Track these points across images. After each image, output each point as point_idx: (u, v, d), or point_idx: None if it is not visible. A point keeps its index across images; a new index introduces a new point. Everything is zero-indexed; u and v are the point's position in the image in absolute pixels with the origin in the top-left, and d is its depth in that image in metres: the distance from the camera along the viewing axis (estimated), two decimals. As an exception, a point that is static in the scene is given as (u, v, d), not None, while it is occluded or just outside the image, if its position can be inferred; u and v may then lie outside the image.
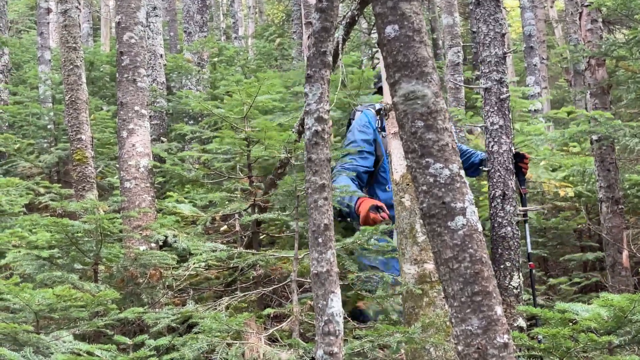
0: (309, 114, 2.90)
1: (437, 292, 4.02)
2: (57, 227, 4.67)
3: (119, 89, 5.84)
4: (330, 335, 2.74)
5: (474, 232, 2.26)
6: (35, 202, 7.21)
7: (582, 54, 6.83)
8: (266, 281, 5.02)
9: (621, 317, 2.90)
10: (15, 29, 18.33)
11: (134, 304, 4.74)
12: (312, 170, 2.84)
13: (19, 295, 3.75)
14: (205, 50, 11.52)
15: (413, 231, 4.12)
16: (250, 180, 5.55)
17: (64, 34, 7.21)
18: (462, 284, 2.23)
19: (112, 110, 9.50)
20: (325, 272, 2.78)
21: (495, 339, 2.20)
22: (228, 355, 3.71)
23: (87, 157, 6.83)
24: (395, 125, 4.20)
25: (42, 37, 11.82)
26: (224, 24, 21.00)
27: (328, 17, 2.89)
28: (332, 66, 3.06)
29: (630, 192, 6.88)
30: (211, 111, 5.74)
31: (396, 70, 2.34)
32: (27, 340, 3.70)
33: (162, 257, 4.93)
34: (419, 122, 2.30)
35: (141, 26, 5.95)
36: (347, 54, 9.98)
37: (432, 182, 2.29)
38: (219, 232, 6.51)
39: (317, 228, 2.79)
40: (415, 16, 2.35)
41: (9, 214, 5.81)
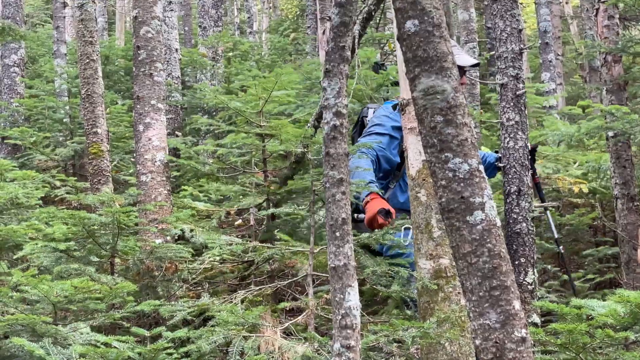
0: (327, 109, 2.90)
1: (453, 287, 4.02)
2: (74, 220, 4.69)
3: (135, 83, 5.85)
4: (348, 328, 2.75)
5: (493, 227, 2.27)
6: (51, 195, 7.25)
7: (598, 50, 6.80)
8: (281, 275, 5.03)
9: (638, 314, 2.90)
10: (31, 23, 18.40)
11: (150, 296, 4.77)
12: (330, 165, 2.85)
13: (37, 287, 3.77)
14: (220, 44, 11.54)
15: (429, 226, 4.12)
16: (265, 175, 5.56)
17: (80, 27, 7.24)
18: (480, 279, 2.24)
19: (127, 104, 9.52)
20: (343, 265, 2.79)
21: (513, 333, 2.20)
22: (244, 348, 3.73)
23: (103, 150, 6.87)
24: (411, 121, 4.19)
25: (58, 30, 11.87)
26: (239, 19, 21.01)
27: (347, 11, 2.90)
28: (350, 61, 3.07)
29: (646, 188, 6.85)
30: (227, 105, 5.75)
31: (416, 65, 2.34)
32: (46, 331, 3.72)
33: (177, 250, 4.94)
34: (439, 116, 2.31)
35: (158, 20, 5.97)
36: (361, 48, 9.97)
37: (451, 177, 2.29)
38: (233, 226, 6.52)
39: (335, 222, 2.80)
40: (435, 11, 2.35)
41: (25, 207, 5.83)
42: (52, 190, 7.28)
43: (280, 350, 3.66)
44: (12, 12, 10.65)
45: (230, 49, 12.38)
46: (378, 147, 4.98)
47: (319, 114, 5.41)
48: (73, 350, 3.56)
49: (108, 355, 3.60)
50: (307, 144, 5.24)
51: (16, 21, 10.44)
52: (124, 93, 11.15)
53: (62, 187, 7.40)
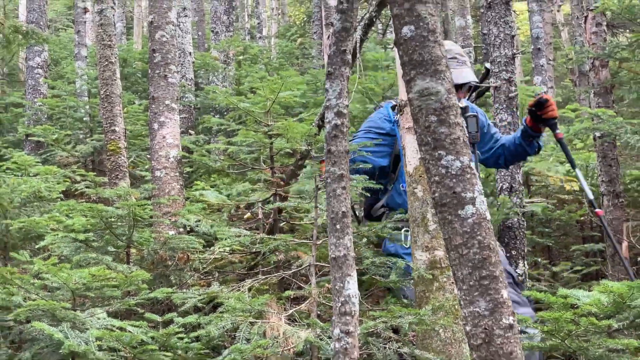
0: (329, 109, 2.91)
1: (447, 277, 4.03)
2: (92, 212, 4.71)
3: (151, 84, 5.87)
4: (347, 315, 2.76)
5: (483, 220, 2.27)
6: (71, 189, 7.26)
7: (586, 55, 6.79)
8: (286, 265, 5.03)
9: (620, 303, 2.90)
10: (54, 27, 18.42)
11: (163, 284, 4.78)
12: (331, 161, 2.86)
13: (57, 274, 3.79)
14: (231, 48, 11.54)
15: (425, 220, 4.13)
16: (273, 171, 5.57)
17: (99, 32, 7.25)
18: (470, 269, 2.24)
19: (143, 104, 9.54)
20: (343, 256, 2.80)
21: (501, 320, 2.20)
22: (250, 334, 3.73)
23: (121, 147, 6.88)
24: (409, 120, 4.20)
25: (79, 35, 11.90)
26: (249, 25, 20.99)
27: (348, 17, 2.90)
28: (351, 65, 3.07)
29: (631, 186, 6.85)
30: (237, 105, 5.75)
31: (412, 68, 2.35)
32: (65, 316, 3.74)
33: (189, 241, 4.96)
34: (433, 116, 2.31)
35: (172, 25, 5.98)
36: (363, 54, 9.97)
37: (444, 173, 2.29)
38: (242, 220, 6.54)
39: (336, 215, 2.81)
40: (430, 17, 2.36)
41: (47, 200, 5.85)
42: (73, 184, 7.30)
43: (285, 336, 3.67)
44: (36, 17, 10.68)
45: (241, 52, 12.39)
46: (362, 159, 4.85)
47: (322, 114, 5.42)
48: (90, 334, 3.57)
49: (123, 339, 3.62)
50: (311, 142, 5.25)
51: (40, 26, 10.47)
52: (141, 94, 11.17)
53: (81, 182, 7.42)
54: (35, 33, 6.67)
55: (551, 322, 2.96)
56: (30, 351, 3.73)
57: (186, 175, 7.18)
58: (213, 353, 4.06)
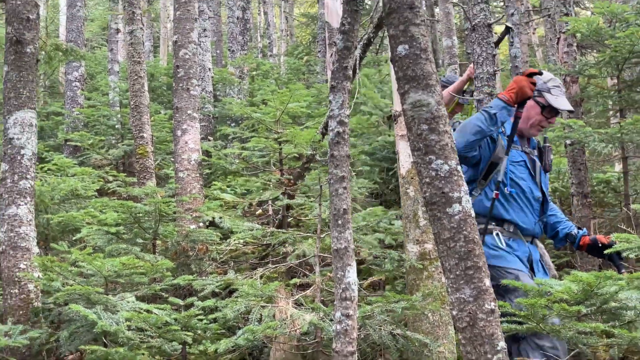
0: (332, 118, 2.90)
1: (435, 267, 4.02)
2: (123, 208, 4.72)
3: (175, 96, 5.87)
4: (347, 300, 2.75)
5: (468, 217, 2.26)
6: (104, 187, 7.27)
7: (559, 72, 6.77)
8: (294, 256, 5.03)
9: (588, 291, 2.89)
10: (90, 46, 18.43)
11: (185, 272, 4.78)
12: (334, 164, 2.85)
13: (92, 263, 3.79)
14: (246, 65, 11.55)
15: (416, 217, 4.12)
16: (282, 173, 5.57)
17: (130, 50, 7.26)
18: (457, 260, 2.23)
19: (168, 114, 9.53)
20: (344, 248, 2.79)
21: (484, 306, 2.19)
22: (262, 316, 3.73)
23: (148, 151, 6.89)
24: (402, 128, 4.19)
25: (112, 52, 11.91)
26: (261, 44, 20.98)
27: (349, 38, 2.90)
28: (352, 79, 3.06)
29: (597, 188, 6.83)
30: (250, 115, 5.76)
31: (406, 83, 2.34)
32: (98, 300, 3.74)
33: (208, 234, 4.96)
34: (424, 125, 2.30)
35: (194, 45, 5.98)
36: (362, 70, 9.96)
37: (434, 176, 2.28)
38: (255, 215, 6.53)
39: (338, 212, 2.80)
40: (422, 37, 2.35)
41: (83, 197, 5.86)
42: (106, 184, 7.30)
43: (292, 318, 3.67)
44: (74, 37, 10.69)
45: (254, 69, 12.38)
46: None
47: (326, 123, 5.41)
48: (120, 316, 3.57)
49: (149, 320, 3.62)
50: (316, 147, 5.25)
51: (78, 44, 10.48)
52: (166, 104, 11.17)
53: (113, 182, 7.42)
54: (73, 50, 6.67)
55: (527, 307, 2.95)
56: (67, 330, 3.72)
57: (205, 176, 7.18)
58: (228, 333, 4.05)
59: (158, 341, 3.74)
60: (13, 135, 4.21)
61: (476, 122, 3.45)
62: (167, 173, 7.89)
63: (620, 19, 6.02)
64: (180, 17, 6.00)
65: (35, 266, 4.06)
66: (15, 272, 4.03)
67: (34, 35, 4.32)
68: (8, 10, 4.30)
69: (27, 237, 4.12)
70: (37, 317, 4.02)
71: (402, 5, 2.35)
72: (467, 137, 3.47)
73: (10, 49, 4.27)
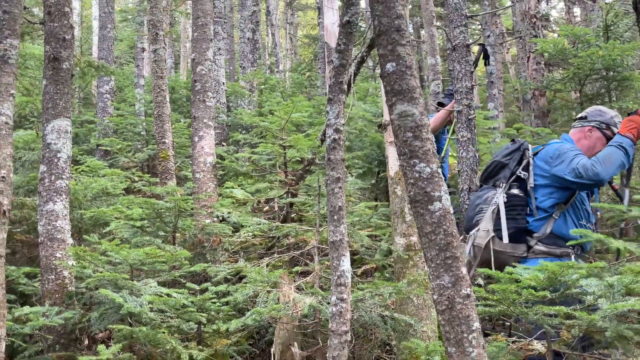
0: (329, 126, 2.90)
1: (419, 257, 4.02)
2: (147, 205, 4.72)
3: (192, 107, 5.87)
4: (342, 285, 2.75)
5: (447, 213, 2.26)
6: (131, 187, 7.27)
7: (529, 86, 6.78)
8: (295, 247, 5.03)
9: (553, 278, 2.89)
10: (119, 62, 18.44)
11: (201, 261, 4.78)
12: (330, 167, 2.85)
13: (119, 253, 3.79)
14: (255, 80, 11.54)
15: (402, 213, 4.12)
16: (286, 174, 5.57)
17: (154, 66, 7.26)
18: (437, 251, 2.23)
19: (187, 122, 9.53)
20: (339, 240, 2.79)
21: (460, 291, 2.20)
22: (267, 300, 3.73)
23: (169, 155, 6.88)
24: (391, 136, 4.19)
25: (138, 68, 11.91)
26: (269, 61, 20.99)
27: (345, 56, 2.90)
28: (347, 93, 3.06)
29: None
30: (259, 124, 5.76)
31: (393, 96, 2.34)
32: (124, 285, 3.74)
33: (221, 228, 4.96)
34: (409, 133, 2.30)
35: (209, 62, 5.98)
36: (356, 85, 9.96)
37: (418, 177, 2.28)
38: (262, 211, 6.54)
39: (334, 208, 2.80)
40: (408, 56, 2.35)
41: (112, 195, 5.86)
42: (132, 183, 7.30)
43: (294, 301, 3.67)
44: (105, 54, 10.69)
45: (262, 83, 12.38)
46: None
47: (324, 131, 5.42)
48: (144, 299, 3.58)
49: (169, 303, 3.62)
50: (315, 152, 5.25)
51: (108, 61, 10.48)
52: (185, 114, 11.16)
53: (139, 181, 7.42)
54: (104, 67, 6.68)
55: (499, 292, 2.95)
56: (97, 312, 3.73)
57: (219, 177, 7.18)
58: (238, 314, 4.05)
59: (177, 321, 3.74)
60: (50, 141, 4.22)
61: (619, 157, 3.48)
62: (185, 174, 7.89)
63: (583, 40, 6.03)
64: (197, 37, 6.00)
65: (70, 255, 4.06)
66: (52, 261, 4.03)
67: (69, 53, 4.32)
68: (47, 32, 4.30)
69: (62, 230, 4.12)
70: (71, 300, 4.02)
71: (390, 28, 2.35)
72: (613, 170, 3.48)
73: (48, 65, 4.27)
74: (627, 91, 6.09)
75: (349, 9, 2.88)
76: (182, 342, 3.77)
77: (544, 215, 3.65)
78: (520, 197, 3.72)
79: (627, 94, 6.12)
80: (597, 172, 3.47)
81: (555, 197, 3.62)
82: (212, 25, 6.14)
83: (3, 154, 3.33)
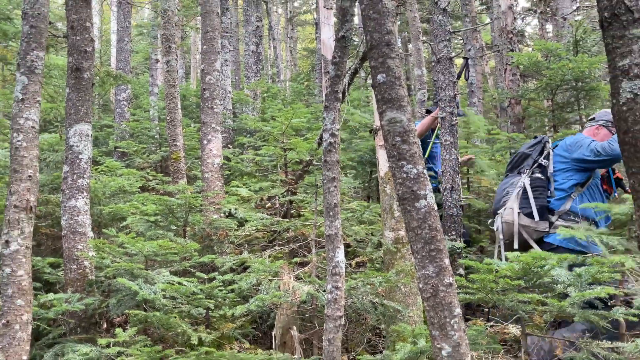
0: (325, 131, 2.91)
1: (407, 250, 4.02)
2: (160, 202, 4.71)
3: (201, 113, 5.86)
4: (337, 275, 2.76)
5: (432, 210, 2.27)
6: (146, 185, 7.26)
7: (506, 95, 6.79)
8: (295, 240, 5.04)
9: (527, 269, 2.90)
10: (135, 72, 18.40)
11: (209, 252, 4.78)
12: (327, 168, 2.85)
13: (135, 245, 3.79)
14: (258, 88, 11.54)
15: (391, 209, 4.13)
16: (286, 174, 5.57)
17: (166, 76, 7.25)
18: (423, 244, 2.24)
19: (196, 127, 9.54)
20: (334, 234, 2.79)
21: (444, 280, 2.20)
22: (269, 288, 3.74)
23: (180, 157, 6.87)
24: (381, 140, 4.20)
25: (152, 78, 11.88)
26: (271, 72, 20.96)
27: (340, 68, 2.90)
28: (341, 101, 3.07)
29: (536, 187, 6.84)
30: (262, 128, 5.76)
31: (383, 104, 2.35)
32: (139, 274, 3.74)
33: (227, 222, 4.96)
34: (398, 137, 2.31)
35: (217, 72, 5.97)
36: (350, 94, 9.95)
37: (405, 177, 2.29)
38: (265, 207, 6.53)
39: (329, 205, 2.81)
40: (397, 68, 2.36)
41: (129, 192, 5.85)
42: (147, 182, 7.30)
43: (293, 289, 3.67)
44: (122, 65, 10.67)
45: (265, 91, 12.37)
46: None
47: (321, 135, 5.42)
48: (157, 287, 3.58)
49: (180, 290, 3.62)
50: (313, 154, 5.25)
51: (125, 71, 10.46)
52: (195, 119, 11.15)
53: (153, 180, 7.41)
54: (121, 76, 6.66)
55: (478, 281, 2.96)
56: (115, 298, 3.72)
57: (226, 176, 7.17)
58: (243, 300, 4.06)
59: (187, 307, 3.74)
60: (73, 143, 4.21)
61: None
62: (195, 174, 7.89)
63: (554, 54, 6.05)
64: (206, 50, 6.00)
65: (90, 247, 4.06)
66: (74, 252, 4.03)
67: (90, 64, 4.31)
68: (70, 44, 4.29)
69: (83, 224, 4.11)
70: (91, 288, 4.02)
71: (381, 43, 2.36)
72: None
73: (71, 74, 4.26)
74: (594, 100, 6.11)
75: (344, 25, 2.89)
76: (192, 326, 3.78)
77: (563, 194, 3.92)
78: (542, 180, 4.01)
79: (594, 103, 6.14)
80: (614, 148, 3.72)
81: (575, 179, 3.90)
82: (219, 39, 6.14)
83: (30, 155, 3.32)
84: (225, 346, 3.83)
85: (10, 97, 9.06)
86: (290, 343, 3.76)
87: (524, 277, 2.94)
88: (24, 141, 3.32)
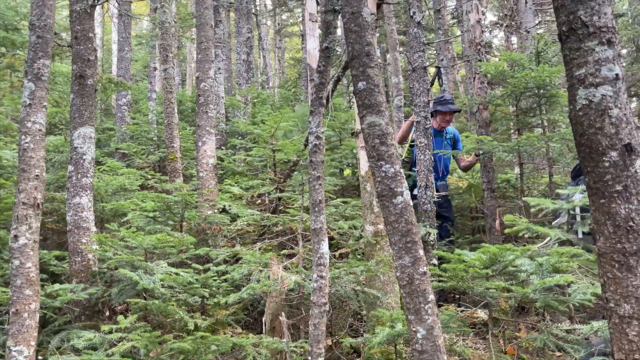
0: (311, 134, 2.91)
1: (385, 242, 4.04)
2: (158, 199, 4.69)
3: (197, 117, 5.83)
4: (321, 265, 2.77)
5: (408, 206, 2.29)
6: (145, 183, 7.20)
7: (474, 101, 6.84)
8: (283, 233, 5.04)
9: (494, 259, 2.94)
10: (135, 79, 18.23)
11: (204, 245, 4.76)
12: (312, 167, 2.86)
13: (135, 239, 3.76)
14: (249, 94, 11.50)
15: (371, 205, 4.14)
16: (275, 173, 5.56)
17: (164, 83, 7.19)
18: (400, 236, 2.26)
19: (192, 130, 9.47)
20: (319, 228, 2.80)
21: (418, 269, 2.22)
22: (259, 277, 3.73)
23: (177, 157, 6.83)
24: (362, 142, 4.21)
25: (151, 84, 11.79)
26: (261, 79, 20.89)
27: (324, 76, 2.91)
28: (325, 106, 3.07)
29: (501, 185, 6.91)
30: (252, 131, 5.74)
31: (364, 109, 2.36)
32: (139, 266, 3.72)
33: (221, 218, 4.94)
34: (377, 139, 2.32)
35: (211, 79, 5.95)
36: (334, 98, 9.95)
37: (384, 176, 2.31)
38: (255, 204, 6.52)
39: (315, 202, 2.82)
40: (376, 76, 2.37)
41: (129, 190, 5.81)
42: (146, 181, 7.24)
43: (282, 279, 3.67)
44: (123, 72, 10.57)
45: (255, 97, 12.33)
46: None
47: (307, 137, 5.42)
48: (156, 277, 3.56)
49: (177, 280, 3.60)
50: (300, 155, 5.25)
51: (125, 78, 10.36)
52: (190, 123, 11.09)
53: (151, 179, 7.36)
54: (122, 83, 6.60)
55: (450, 270, 2.99)
56: (117, 288, 3.70)
57: (219, 175, 7.14)
58: (235, 289, 4.05)
59: (184, 295, 3.73)
60: (77, 145, 4.17)
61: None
62: (191, 173, 7.83)
63: (518, 64, 6.10)
64: (201, 59, 5.96)
65: (93, 241, 4.02)
66: (79, 245, 3.99)
67: (93, 71, 4.27)
68: (74, 53, 4.24)
69: (87, 219, 4.08)
70: (94, 278, 3.99)
71: (362, 53, 2.37)
72: None
73: (75, 81, 4.22)
74: (555, 105, 6.18)
75: (328, 37, 2.89)
76: (188, 313, 3.76)
77: None
78: None
79: (554, 108, 6.21)
80: None
81: None
82: (213, 49, 6.11)
83: (37, 156, 3.28)
84: (219, 331, 3.83)
85: (18, 102, 8.93)
86: (279, 328, 3.76)
87: (491, 266, 2.98)
88: (31, 143, 3.28)
